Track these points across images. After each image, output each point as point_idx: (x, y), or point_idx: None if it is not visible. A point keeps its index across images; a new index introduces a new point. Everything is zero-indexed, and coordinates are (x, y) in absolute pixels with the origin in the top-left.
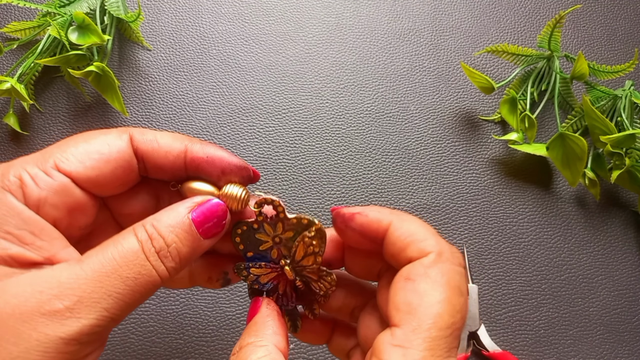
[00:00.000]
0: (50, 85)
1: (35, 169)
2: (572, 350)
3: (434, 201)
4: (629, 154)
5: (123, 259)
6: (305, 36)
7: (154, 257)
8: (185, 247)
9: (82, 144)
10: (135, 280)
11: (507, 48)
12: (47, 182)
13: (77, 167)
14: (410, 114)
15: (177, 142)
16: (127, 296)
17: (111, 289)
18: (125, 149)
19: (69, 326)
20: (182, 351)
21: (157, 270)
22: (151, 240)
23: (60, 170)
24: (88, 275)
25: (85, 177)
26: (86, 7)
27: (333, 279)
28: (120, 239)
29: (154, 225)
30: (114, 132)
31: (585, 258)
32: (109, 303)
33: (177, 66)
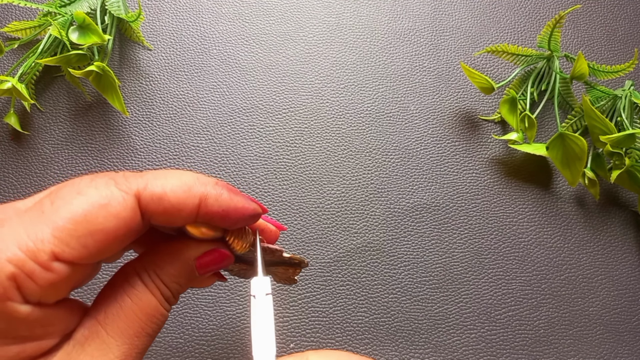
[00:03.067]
0: (51, 85)
1: (31, 263)
2: (571, 350)
3: (434, 201)
4: (629, 153)
5: (147, 316)
6: (305, 36)
7: (165, 303)
8: (184, 288)
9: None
10: (157, 328)
11: (507, 48)
12: (46, 279)
13: (81, 254)
14: (410, 113)
15: (191, 197)
16: (149, 343)
17: (142, 346)
18: (134, 218)
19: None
20: (182, 350)
21: (167, 310)
22: (159, 290)
23: (60, 259)
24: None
25: (89, 258)
26: (87, 7)
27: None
28: (134, 291)
29: (159, 275)
30: (117, 195)
31: (585, 258)
32: (140, 358)
33: (177, 66)
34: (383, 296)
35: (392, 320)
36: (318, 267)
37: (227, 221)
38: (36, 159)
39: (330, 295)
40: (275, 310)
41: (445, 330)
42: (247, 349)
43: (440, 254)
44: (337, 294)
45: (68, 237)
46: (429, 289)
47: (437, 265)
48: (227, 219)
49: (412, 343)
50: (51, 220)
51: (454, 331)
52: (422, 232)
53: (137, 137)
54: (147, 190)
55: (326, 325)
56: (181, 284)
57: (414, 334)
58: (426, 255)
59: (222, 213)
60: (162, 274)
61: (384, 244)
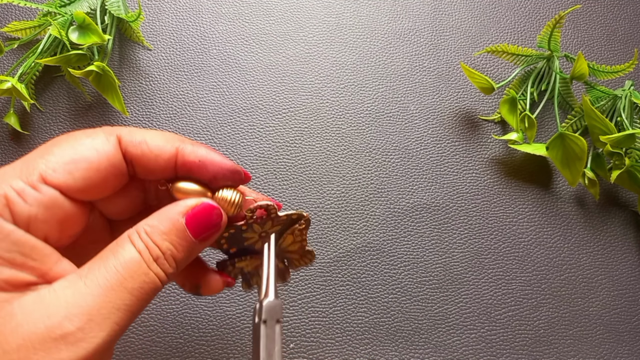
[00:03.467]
0: (51, 85)
1: (21, 183)
2: (571, 350)
3: (434, 201)
4: (629, 154)
5: (127, 270)
6: (305, 36)
7: (154, 265)
8: (180, 253)
9: (68, 149)
10: (141, 290)
11: (506, 48)
12: (35, 198)
13: (66, 179)
14: (410, 113)
15: (168, 145)
16: (134, 306)
17: (119, 301)
18: (115, 154)
19: (83, 348)
20: (182, 350)
21: (159, 277)
22: (148, 250)
23: (48, 183)
24: (94, 292)
25: (75, 188)
26: (87, 7)
27: (313, 255)
28: (119, 249)
29: (148, 233)
30: (101, 135)
31: (585, 258)
32: (118, 316)
33: (177, 66)
34: (383, 296)
35: (392, 320)
36: (318, 267)
37: (205, 173)
38: None
39: (330, 295)
40: None
41: (445, 330)
42: (248, 348)
43: (440, 254)
44: (337, 294)
45: (55, 164)
46: (428, 289)
47: (437, 265)
48: (204, 171)
49: (412, 343)
50: (42, 153)
51: (454, 331)
52: (422, 232)
53: None
54: (129, 135)
55: (326, 325)
56: (174, 244)
57: (414, 334)
58: (426, 256)
59: (199, 164)
60: (151, 232)
61: (384, 244)
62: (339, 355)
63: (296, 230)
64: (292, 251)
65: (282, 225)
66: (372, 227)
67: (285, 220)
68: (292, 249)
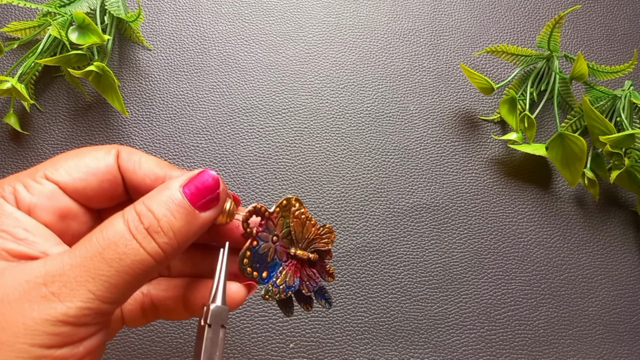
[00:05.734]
0: (51, 85)
1: (27, 179)
2: (571, 350)
3: (434, 201)
4: (628, 154)
5: (106, 241)
6: (305, 36)
7: (142, 234)
8: (179, 221)
9: (73, 158)
10: (120, 262)
11: (506, 48)
12: (37, 189)
13: (65, 178)
14: (409, 114)
15: (158, 168)
16: (114, 278)
17: (95, 271)
18: (113, 165)
19: (54, 309)
20: (182, 350)
21: (145, 248)
22: (139, 217)
23: (49, 179)
24: (73, 261)
25: (73, 187)
26: (86, 7)
27: (330, 228)
28: (107, 222)
29: (144, 202)
30: (104, 148)
31: (584, 258)
32: (94, 285)
33: (177, 66)
34: (383, 296)
35: (392, 320)
36: None
37: None
38: (36, 159)
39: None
40: (275, 310)
41: (445, 330)
42: (248, 348)
43: (440, 254)
44: (337, 294)
45: (58, 166)
46: (428, 289)
47: (436, 265)
48: None
49: (412, 343)
50: (52, 160)
51: (453, 331)
52: (422, 232)
53: (137, 137)
54: (127, 152)
55: (326, 325)
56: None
57: (414, 334)
58: (426, 255)
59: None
60: (148, 202)
61: (384, 244)
62: (339, 355)
63: (296, 212)
64: (311, 237)
65: (283, 219)
66: (372, 227)
67: (280, 211)
68: (308, 234)
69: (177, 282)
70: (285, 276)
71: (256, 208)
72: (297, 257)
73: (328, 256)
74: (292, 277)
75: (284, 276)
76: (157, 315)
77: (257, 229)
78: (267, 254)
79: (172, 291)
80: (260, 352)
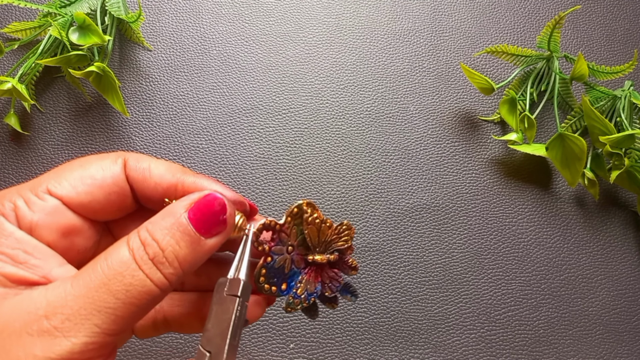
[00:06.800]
0: (51, 86)
1: (29, 193)
2: (571, 350)
3: (434, 201)
4: (628, 154)
5: (112, 271)
6: (305, 37)
7: (148, 265)
8: (184, 250)
9: (78, 169)
10: (127, 293)
11: (506, 49)
12: (39, 206)
13: (69, 192)
14: (410, 114)
15: (169, 174)
16: (120, 310)
17: (101, 303)
18: (119, 175)
19: (59, 345)
20: (182, 350)
21: (152, 279)
22: (144, 247)
23: (52, 194)
24: (77, 292)
25: (78, 202)
26: (87, 8)
27: (348, 225)
28: (112, 250)
29: (148, 230)
30: (111, 157)
31: (584, 258)
32: (100, 319)
33: (177, 66)
34: (383, 296)
35: (392, 320)
36: None
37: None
38: (36, 160)
39: None
40: (275, 310)
41: (445, 330)
42: (248, 348)
43: (440, 254)
44: None
45: (62, 179)
46: (428, 289)
47: (436, 266)
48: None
49: (412, 343)
50: (55, 171)
51: (453, 331)
52: (422, 233)
53: (137, 137)
54: (135, 160)
55: (326, 325)
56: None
57: (414, 334)
58: (426, 256)
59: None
60: (152, 229)
61: (383, 244)
62: (339, 355)
63: (309, 219)
64: (329, 239)
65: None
66: (372, 227)
67: (291, 221)
68: (324, 237)
69: (190, 297)
70: (306, 284)
71: (265, 224)
72: (317, 262)
73: (349, 251)
74: (313, 284)
75: (304, 285)
76: (168, 329)
77: (270, 244)
78: (284, 266)
79: (185, 307)
80: (260, 352)
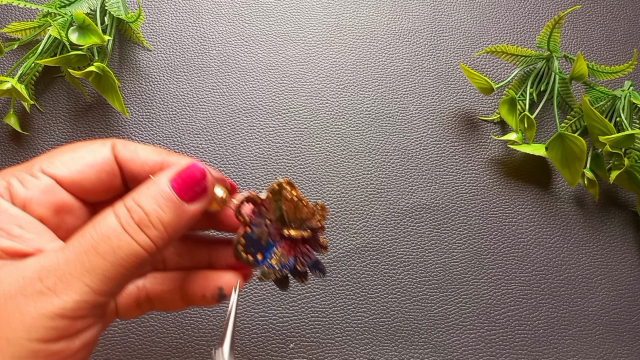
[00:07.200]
0: (51, 86)
1: (23, 173)
2: (571, 350)
3: (434, 201)
4: (628, 154)
5: (100, 235)
6: (305, 37)
7: (133, 228)
8: (168, 215)
9: (69, 152)
10: (115, 255)
11: (506, 49)
12: (33, 183)
13: (62, 171)
14: (409, 114)
15: (155, 155)
16: (109, 270)
17: (90, 265)
18: (108, 156)
19: (51, 303)
20: (182, 351)
21: (138, 241)
22: (130, 213)
23: (45, 173)
24: (68, 257)
25: (70, 179)
26: (86, 8)
27: (322, 206)
28: (99, 217)
29: (134, 198)
30: (99, 142)
31: (584, 258)
32: (90, 279)
33: (177, 66)
34: (383, 296)
35: (392, 320)
36: None
37: None
38: None
39: (330, 295)
40: (275, 310)
41: (445, 330)
42: (248, 349)
43: (440, 254)
44: (337, 294)
45: (55, 160)
46: (428, 289)
47: (436, 266)
48: None
49: (412, 343)
50: (48, 154)
51: (453, 331)
52: (422, 232)
53: (137, 137)
54: (123, 144)
55: (326, 325)
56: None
57: (414, 334)
58: (426, 256)
59: None
60: (137, 197)
61: (383, 244)
62: (339, 355)
63: (287, 195)
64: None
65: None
66: (372, 227)
67: (272, 197)
68: (301, 215)
69: (172, 275)
70: (280, 257)
71: (248, 198)
72: (291, 237)
73: (321, 230)
74: (287, 257)
75: (279, 257)
76: (152, 307)
77: (250, 216)
78: (261, 237)
79: (168, 284)
80: (260, 352)
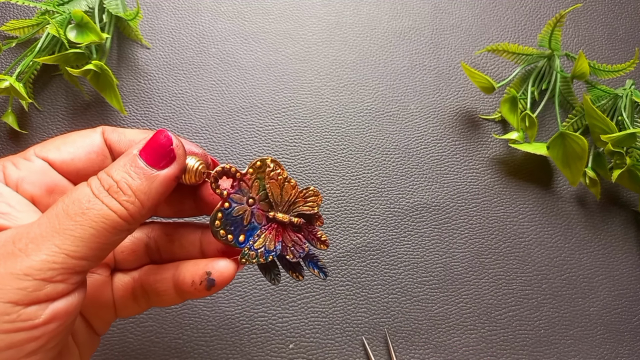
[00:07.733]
0: (49, 84)
1: (17, 158)
2: (572, 350)
3: (434, 200)
4: (630, 153)
5: (71, 200)
6: (305, 35)
7: (103, 194)
8: (136, 180)
9: (61, 138)
10: (84, 216)
11: (507, 47)
12: (25, 164)
13: (54, 154)
14: (410, 113)
15: (142, 134)
16: (78, 230)
17: (60, 226)
18: (99, 140)
19: (20, 263)
20: (181, 351)
21: (107, 204)
22: (100, 182)
23: (38, 156)
24: (41, 221)
25: (61, 161)
26: (85, 6)
27: (315, 191)
28: (73, 189)
29: (105, 171)
30: (89, 129)
31: (585, 258)
32: (59, 239)
33: (176, 65)
34: (383, 296)
35: (392, 320)
36: None
37: None
38: None
39: (330, 296)
40: (275, 310)
41: (446, 330)
42: (248, 349)
43: (441, 253)
44: (337, 294)
45: (48, 145)
46: (429, 289)
47: (437, 265)
48: None
49: (412, 343)
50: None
51: (454, 331)
52: (422, 232)
53: None
54: (111, 129)
55: (326, 325)
56: (128, 173)
57: (414, 334)
58: (426, 255)
59: None
60: (109, 169)
61: (384, 244)
62: (339, 355)
63: (271, 174)
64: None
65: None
66: (372, 227)
67: (253, 173)
68: (288, 197)
69: (166, 266)
70: (264, 240)
71: (225, 169)
72: (277, 220)
73: (318, 222)
74: (273, 242)
75: (262, 240)
76: (149, 302)
77: (229, 190)
78: (243, 216)
79: (161, 274)
80: (260, 352)
